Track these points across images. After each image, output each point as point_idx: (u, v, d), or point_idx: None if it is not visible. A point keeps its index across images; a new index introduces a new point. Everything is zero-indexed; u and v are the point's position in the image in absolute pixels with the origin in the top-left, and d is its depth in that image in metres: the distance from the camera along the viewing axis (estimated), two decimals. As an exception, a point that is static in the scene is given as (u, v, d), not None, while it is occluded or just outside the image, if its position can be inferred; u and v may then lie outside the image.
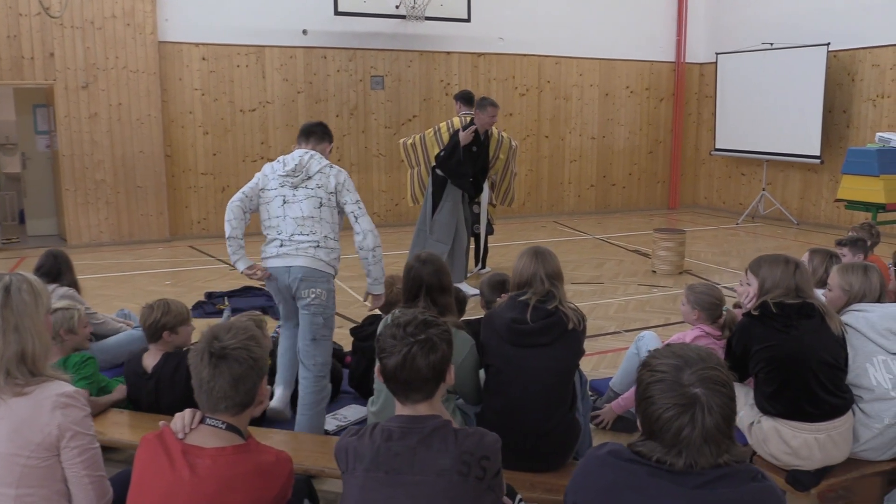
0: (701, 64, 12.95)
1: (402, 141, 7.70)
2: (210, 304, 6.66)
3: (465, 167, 6.91)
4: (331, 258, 3.69)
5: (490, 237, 7.94)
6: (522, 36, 11.61)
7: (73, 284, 4.09)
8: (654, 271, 8.03)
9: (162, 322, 3.48)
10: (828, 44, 10.32)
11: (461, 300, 3.97)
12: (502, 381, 2.91)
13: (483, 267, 7.80)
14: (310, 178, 3.69)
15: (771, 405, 2.99)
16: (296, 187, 3.67)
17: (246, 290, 7.16)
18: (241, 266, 3.72)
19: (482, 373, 3.12)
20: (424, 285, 3.06)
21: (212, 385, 1.96)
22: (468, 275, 7.52)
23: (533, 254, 3.02)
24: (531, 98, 11.91)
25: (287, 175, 3.67)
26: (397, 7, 9.81)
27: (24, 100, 10.08)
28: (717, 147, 12.43)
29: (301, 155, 3.76)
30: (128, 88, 9.54)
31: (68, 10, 9.03)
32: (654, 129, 12.96)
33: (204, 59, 9.96)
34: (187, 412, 2.03)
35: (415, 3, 9.65)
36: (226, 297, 6.82)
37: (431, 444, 1.89)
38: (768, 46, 11.22)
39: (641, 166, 12.96)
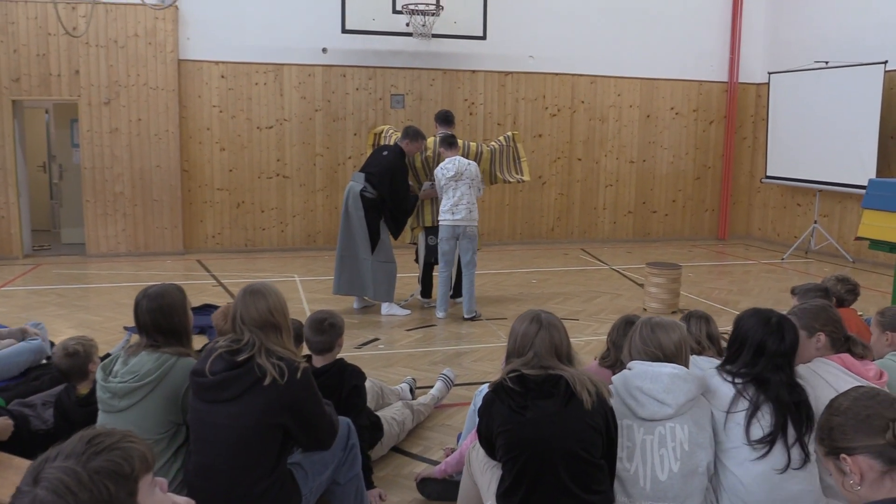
0: (758, 84, 11.94)
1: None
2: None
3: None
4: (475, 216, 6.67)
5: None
6: (555, 54, 11.11)
7: None
8: (645, 309, 7.35)
9: None
10: (885, 62, 9.21)
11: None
12: (194, 438, 2.57)
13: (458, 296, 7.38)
14: (461, 174, 6.53)
15: (507, 501, 2.46)
16: (457, 181, 6.53)
17: (205, 308, 7.13)
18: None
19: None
20: (141, 322, 2.79)
21: None
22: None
23: (242, 293, 2.63)
24: (563, 119, 11.36)
25: (451, 178, 6.53)
26: (407, 25, 9.60)
27: (62, 115, 10.63)
28: (767, 174, 11.37)
29: (455, 164, 6.54)
30: (147, 105, 9.84)
31: (93, 30, 9.43)
32: (703, 153, 12.04)
33: (223, 76, 10.14)
34: None
35: (425, 20, 9.39)
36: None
37: None
38: (823, 65, 10.16)
39: (687, 193, 12.06)
